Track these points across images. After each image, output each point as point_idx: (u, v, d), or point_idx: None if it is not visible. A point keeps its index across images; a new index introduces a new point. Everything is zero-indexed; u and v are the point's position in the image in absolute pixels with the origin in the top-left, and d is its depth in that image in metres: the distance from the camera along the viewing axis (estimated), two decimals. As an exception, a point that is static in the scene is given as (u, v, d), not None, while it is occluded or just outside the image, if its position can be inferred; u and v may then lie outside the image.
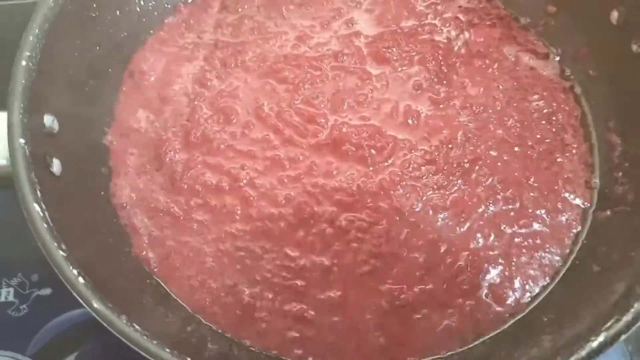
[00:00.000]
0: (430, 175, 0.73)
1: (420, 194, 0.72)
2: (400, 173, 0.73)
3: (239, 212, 0.70)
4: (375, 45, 0.82)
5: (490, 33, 0.84)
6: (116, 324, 0.52)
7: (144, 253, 0.69)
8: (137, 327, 0.52)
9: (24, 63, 0.62)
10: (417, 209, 0.71)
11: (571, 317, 0.62)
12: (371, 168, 0.73)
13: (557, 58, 0.83)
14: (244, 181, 0.72)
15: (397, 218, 0.70)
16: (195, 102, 0.77)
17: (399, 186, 0.72)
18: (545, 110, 0.79)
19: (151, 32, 0.83)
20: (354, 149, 0.74)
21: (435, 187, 0.72)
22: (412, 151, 0.74)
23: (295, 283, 0.66)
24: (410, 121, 0.76)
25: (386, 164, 0.73)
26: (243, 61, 0.80)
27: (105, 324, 0.52)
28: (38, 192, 0.57)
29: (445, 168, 0.73)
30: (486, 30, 0.84)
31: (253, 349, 0.64)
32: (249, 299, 0.66)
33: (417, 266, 0.68)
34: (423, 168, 0.73)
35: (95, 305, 0.52)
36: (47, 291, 0.79)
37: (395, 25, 0.83)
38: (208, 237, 0.69)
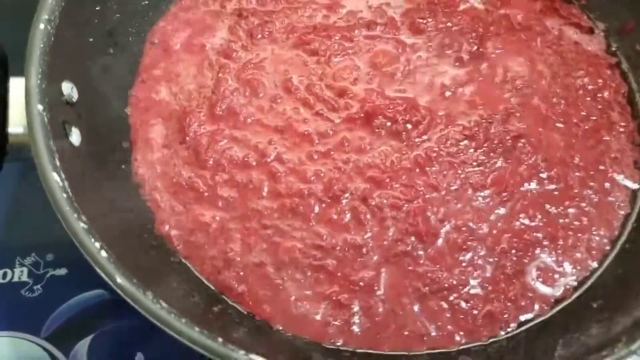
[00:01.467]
0: (470, 151, 0.69)
1: (459, 171, 0.68)
2: (436, 149, 0.69)
3: (266, 188, 0.66)
4: (410, 16, 0.77)
5: (531, 5, 0.80)
6: (142, 300, 0.48)
7: (166, 229, 0.65)
8: (164, 304, 0.48)
9: (42, 26, 0.59)
10: (454, 187, 0.67)
11: (623, 303, 0.59)
12: (405, 143, 0.69)
13: (602, 33, 0.79)
14: (272, 156, 0.68)
15: (434, 196, 0.66)
16: (220, 74, 0.73)
17: (435, 162, 0.68)
18: (590, 87, 0.74)
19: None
20: (387, 123, 0.70)
21: (474, 164, 0.68)
22: (449, 126, 0.70)
23: (326, 263, 0.63)
24: (447, 94, 0.72)
25: (422, 139, 0.69)
26: (270, 32, 0.76)
27: (130, 301, 0.48)
28: (57, 161, 0.53)
29: (485, 144, 0.69)
30: (526, 1, 0.80)
31: (283, 332, 0.60)
32: (277, 280, 0.62)
33: (456, 247, 0.64)
34: (462, 144, 0.69)
35: (119, 280, 0.49)
36: (62, 271, 0.76)
37: (432, -6, 0.79)
38: (233, 214, 0.65)
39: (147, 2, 0.76)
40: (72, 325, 0.72)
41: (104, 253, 0.50)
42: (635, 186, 0.69)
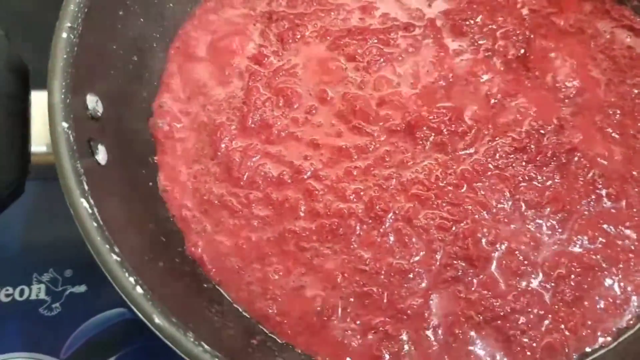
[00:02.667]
0: (521, 165, 0.64)
1: (509, 187, 0.63)
2: (484, 162, 0.64)
3: (303, 207, 0.62)
4: (450, 17, 0.72)
5: (581, 6, 0.75)
6: (183, 343, 0.44)
7: (198, 252, 0.61)
8: (206, 346, 0.44)
9: (64, 35, 0.54)
10: (506, 205, 0.63)
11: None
12: (451, 156, 0.65)
13: (657, 37, 0.74)
14: (308, 173, 0.64)
15: (484, 216, 0.62)
16: (250, 83, 0.69)
17: (483, 177, 0.64)
18: (645, 95, 0.70)
19: (199, 2, 0.74)
20: (431, 135, 0.65)
21: (527, 178, 0.64)
22: (497, 137, 0.66)
23: (371, 289, 0.58)
24: (494, 102, 0.68)
25: (468, 151, 0.65)
26: (302, 36, 0.72)
27: (169, 343, 0.44)
28: (85, 185, 0.49)
29: (538, 158, 0.64)
30: (576, 2, 0.75)
31: (328, 367, 0.57)
32: (318, 309, 0.58)
33: (510, 272, 0.59)
34: (512, 156, 0.65)
35: (157, 320, 0.44)
36: (81, 288, 0.72)
37: (473, -6, 0.74)
38: (269, 235, 0.61)
39: (171, 5, 0.72)
40: (93, 346, 0.69)
41: (139, 289, 0.46)
42: (700, 204, 0.65)
